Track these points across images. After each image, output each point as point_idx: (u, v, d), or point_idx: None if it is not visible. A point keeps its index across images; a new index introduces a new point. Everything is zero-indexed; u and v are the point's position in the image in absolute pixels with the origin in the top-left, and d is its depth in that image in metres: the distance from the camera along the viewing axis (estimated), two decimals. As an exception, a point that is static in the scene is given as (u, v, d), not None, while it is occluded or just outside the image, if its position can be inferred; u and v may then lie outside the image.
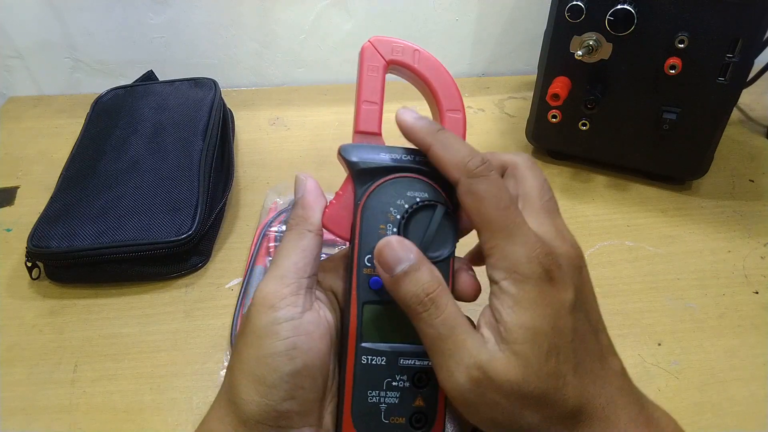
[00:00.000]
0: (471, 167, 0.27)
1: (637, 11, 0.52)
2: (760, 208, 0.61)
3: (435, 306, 0.26)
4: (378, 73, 0.31)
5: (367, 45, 0.31)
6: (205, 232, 0.54)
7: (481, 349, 0.25)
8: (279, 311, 0.28)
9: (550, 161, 0.67)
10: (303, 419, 0.28)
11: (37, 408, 0.44)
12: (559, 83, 0.58)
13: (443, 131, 0.29)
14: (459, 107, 0.31)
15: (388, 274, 0.27)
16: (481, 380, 0.25)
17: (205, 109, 0.65)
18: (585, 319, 0.27)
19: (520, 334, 0.25)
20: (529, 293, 0.26)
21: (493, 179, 0.27)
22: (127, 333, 0.49)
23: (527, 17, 0.81)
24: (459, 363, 0.25)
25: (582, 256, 0.28)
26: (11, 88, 0.82)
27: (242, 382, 0.28)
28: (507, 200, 0.26)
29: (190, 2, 0.76)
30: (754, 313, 0.50)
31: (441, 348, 0.26)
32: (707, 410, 0.43)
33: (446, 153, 0.28)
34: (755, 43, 0.52)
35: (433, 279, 0.27)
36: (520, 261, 0.26)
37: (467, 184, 0.27)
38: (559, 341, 0.26)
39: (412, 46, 0.31)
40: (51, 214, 0.54)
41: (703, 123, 0.57)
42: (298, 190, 0.31)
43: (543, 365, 0.25)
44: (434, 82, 0.31)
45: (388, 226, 0.30)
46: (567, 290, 0.26)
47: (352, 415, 0.30)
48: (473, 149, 0.28)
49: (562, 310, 0.26)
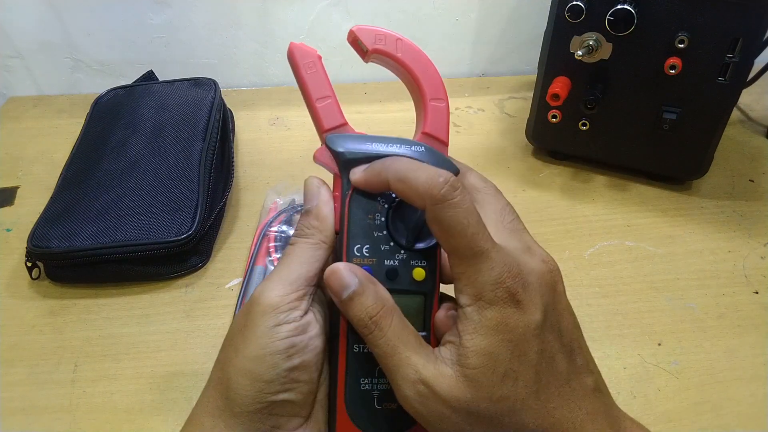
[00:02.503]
0: (434, 193, 0.25)
1: (637, 11, 0.52)
2: (760, 208, 0.61)
3: (378, 328, 0.27)
4: (316, 68, 0.30)
5: (291, 46, 0.30)
6: (205, 232, 0.54)
7: (426, 365, 0.26)
8: (284, 314, 0.28)
9: (550, 161, 0.67)
10: (295, 410, 0.29)
11: (37, 408, 0.44)
12: (559, 83, 0.58)
13: (392, 162, 0.28)
14: (442, 96, 0.31)
15: (336, 298, 0.28)
16: (427, 394, 0.26)
17: (205, 109, 0.65)
18: (556, 340, 0.27)
19: (475, 359, 0.25)
20: (491, 320, 0.26)
21: (458, 203, 0.25)
22: (127, 333, 0.49)
23: (527, 17, 0.81)
24: (404, 378, 0.26)
25: (555, 270, 0.28)
26: (11, 88, 0.82)
27: (238, 378, 0.28)
28: (474, 225, 0.26)
29: (190, 2, 0.76)
30: (754, 313, 0.50)
31: (387, 365, 0.27)
32: (707, 410, 0.43)
33: (405, 185, 0.27)
34: (755, 43, 0.52)
35: (377, 302, 0.27)
36: (485, 288, 0.26)
37: (433, 212, 0.26)
38: (519, 366, 0.26)
39: (394, 34, 0.30)
40: (51, 214, 0.54)
41: (703, 123, 0.57)
42: (311, 198, 0.31)
43: (496, 389, 0.25)
44: (417, 71, 0.31)
45: (377, 215, 0.30)
46: (534, 312, 0.26)
47: (346, 403, 0.30)
48: (432, 170, 0.26)
49: (527, 333, 0.26)
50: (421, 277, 0.30)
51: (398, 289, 0.29)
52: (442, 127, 0.31)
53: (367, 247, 0.30)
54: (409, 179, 0.27)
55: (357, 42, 0.30)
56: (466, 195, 0.26)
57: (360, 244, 0.30)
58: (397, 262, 0.30)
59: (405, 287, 0.30)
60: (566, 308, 0.28)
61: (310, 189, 0.31)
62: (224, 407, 0.28)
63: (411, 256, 0.30)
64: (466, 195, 0.26)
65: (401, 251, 0.30)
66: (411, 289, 0.30)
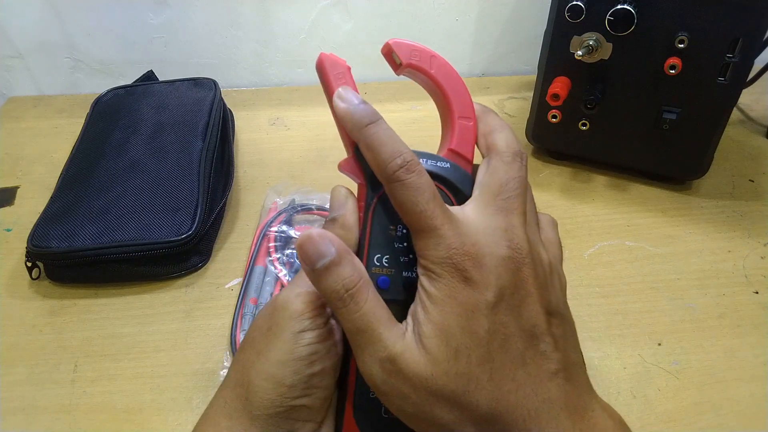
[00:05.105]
0: (389, 171, 0.26)
1: (637, 11, 0.52)
2: (760, 208, 0.61)
3: (354, 302, 0.26)
4: (346, 79, 0.30)
5: (321, 57, 0.30)
6: (205, 232, 0.54)
7: (396, 341, 0.26)
8: (308, 321, 0.28)
9: (550, 161, 0.67)
10: (311, 414, 0.29)
11: (37, 408, 0.44)
12: (559, 83, 0.58)
13: (372, 126, 0.28)
14: (470, 115, 0.31)
15: (309, 267, 0.27)
16: (392, 371, 0.26)
17: (205, 109, 0.65)
18: (513, 323, 0.26)
19: (429, 328, 0.26)
20: (440, 291, 0.26)
21: (409, 184, 0.26)
22: (127, 333, 0.49)
23: (527, 17, 0.81)
24: (372, 355, 0.26)
25: (520, 257, 0.27)
26: (11, 88, 0.82)
27: (260, 382, 0.28)
28: (423, 204, 0.26)
29: (190, 2, 0.76)
30: (754, 313, 0.50)
31: (358, 341, 0.27)
32: (707, 410, 0.43)
33: (369, 153, 0.27)
34: (755, 43, 0.52)
35: (354, 273, 0.27)
36: (433, 261, 0.26)
37: (387, 188, 0.27)
38: (471, 343, 0.26)
39: (429, 51, 0.31)
40: (51, 214, 0.54)
41: (703, 123, 0.57)
42: (339, 207, 0.30)
43: (452, 364, 0.25)
44: (448, 88, 0.31)
45: (399, 227, 0.30)
46: (486, 291, 0.26)
47: (354, 411, 0.30)
48: (397, 149, 0.27)
49: (476, 311, 0.26)
50: None
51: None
52: (468, 146, 0.31)
53: (387, 257, 0.30)
54: (374, 150, 0.27)
55: (391, 54, 0.30)
56: (421, 177, 0.27)
57: (380, 254, 0.30)
58: (416, 274, 0.29)
59: None
60: (531, 293, 0.27)
61: (337, 198, 0.31)
62: (242, 409, 0.29)
63: None
64: (421, 177, 0.27)
65: None
66: None
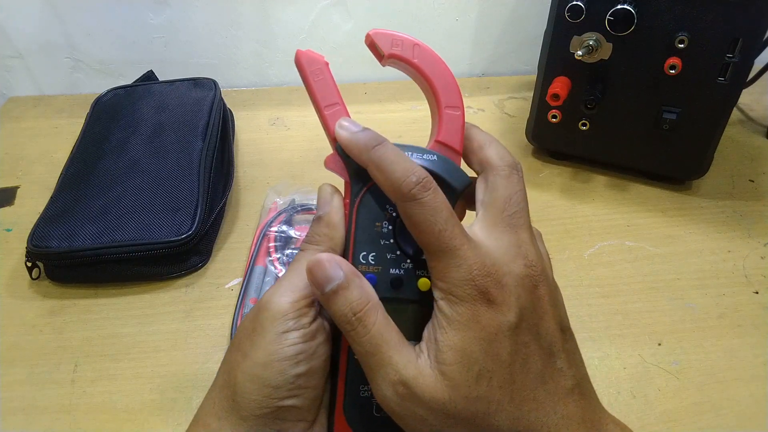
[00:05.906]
0: (404, 190, 0.26)
1: (637, 11, 0.52)
2: (760, 208, 0.61)
3: (362, 325, 0.27)
4: (324, 75, 0.30)
5: (298, 53, 0.30)
6: (205, 232, 0.54)
7: (408, 365, 0.26)
8: (292, 321, 0.28)
9: (550, 161, 0.67)
10: (301, 414, 0.29)
11: (37, 408, 0.44)
12: (559, 83, 0.58)
13: (379, 147, 0.28)
14: (458, 104, 0.30)
15: (318, 291, 0.27)
16: (406, 395, 0.26)
17: (205, 109, 0.65)
18: (533, 342, 0.27)
19: (450, 355, 0.25)
20: (462, 315, 0.26)
21: (426, 202, 0.26)
22: (127, 333, 0.49)
23: (527, 17, 0.81)
24: (384, 378, 0.26)
25: (537, 274, 0.27)
26: (11, 88, 0.82)
27: (245, 383, 0.28)
28: (442, 223, 0.26)
29: (190, 2, 0.76)
30: (754, 313, 0.50)
31: (369, 363, 0.27)
32: (707, 410, 0.43)
33: (381, 175, 0.27)
34: (755, 43, 0.52)
35: (362, 297, 0.27)
36: (455, 283, 0.26)
37: (402, 208, 0.27)
38: (493, 366, 0.25)
39: (411, 39, 0.30)
40: (51, 214, 0.54)
41: (703, 123, 0.57)
42: (324, 205, 0.30)
43: (473, 388, 0.25)
44: (433, 77, 0.30)
45: (384, 224, 0.29)
46: (508, 312, 0.26)
47: (345, 409, 0.30)
48: (409, 167, 0.27)
49: (499, 333, 0.26)
50: (426, 288, 0.29)
51: (402, 299, 0.29)
52: (456, 136, 0.30)
53: (374, 254, 0.29)
54: (385, 171, 0.27)
55: (374, 46, 0.30)
56: (437, 195, 0.26)
57: (366, 252, 0.29)
58: (403, 271, 0.29)
59: (409, 297, 0.29)
60: (547, 311, 0.27)
61: (323, 196, 0.31)
62: (231, 410, 0.28)
63: (417, 265, 0.30)
64: (437, 195, 0.26)
65: (407, 261, 0.30)
66: (415, 298, 0.29)
